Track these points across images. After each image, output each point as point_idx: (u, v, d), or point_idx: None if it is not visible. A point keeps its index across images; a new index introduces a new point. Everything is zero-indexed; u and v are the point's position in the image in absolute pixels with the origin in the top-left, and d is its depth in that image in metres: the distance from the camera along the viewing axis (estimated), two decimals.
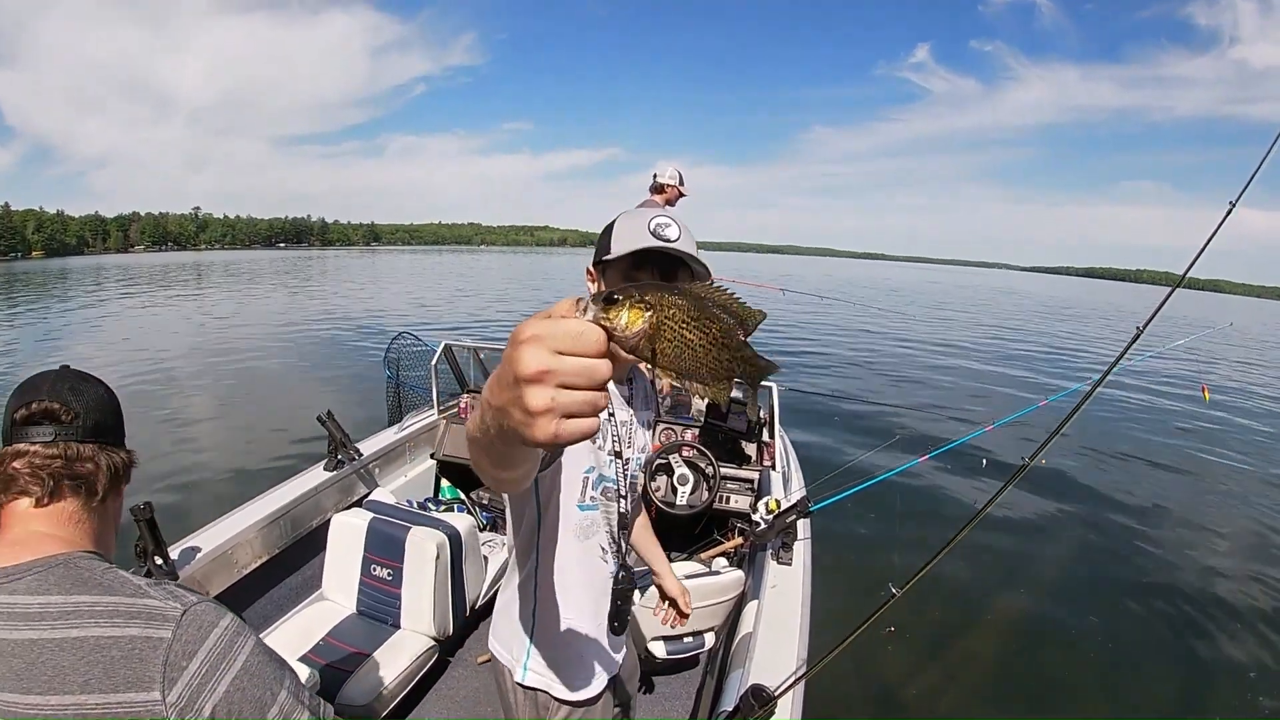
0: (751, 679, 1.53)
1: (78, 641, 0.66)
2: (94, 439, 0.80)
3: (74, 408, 0.79)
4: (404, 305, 18.98)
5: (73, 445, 0.78)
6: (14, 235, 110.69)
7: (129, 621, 0.68)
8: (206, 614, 0.72)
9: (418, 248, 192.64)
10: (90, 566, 0.74)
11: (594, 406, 0.43)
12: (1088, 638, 3.57)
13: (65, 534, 0.77)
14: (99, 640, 0.67)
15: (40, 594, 0.69)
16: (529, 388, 0.42)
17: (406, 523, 2.26)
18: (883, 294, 34.51)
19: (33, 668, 0.65)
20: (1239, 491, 6.39)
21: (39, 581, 0.70)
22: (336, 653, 2.06)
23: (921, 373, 11.55)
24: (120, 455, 0.83)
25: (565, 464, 1.03)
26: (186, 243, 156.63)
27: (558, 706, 1.14)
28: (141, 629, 0.68)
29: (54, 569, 0.72)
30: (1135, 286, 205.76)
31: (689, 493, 2.87)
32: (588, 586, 1.13)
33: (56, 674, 0.65)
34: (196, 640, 0.69)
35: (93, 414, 0.80)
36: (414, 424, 3.32)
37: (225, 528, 2.21)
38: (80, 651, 0.66)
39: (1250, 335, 25.77)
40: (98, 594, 0.70)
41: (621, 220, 1.02)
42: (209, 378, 8.70)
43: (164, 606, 0.71)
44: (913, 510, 5.00)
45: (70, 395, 0.80)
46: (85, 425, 0.80)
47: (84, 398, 0.81)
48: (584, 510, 1.08)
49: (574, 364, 0.43)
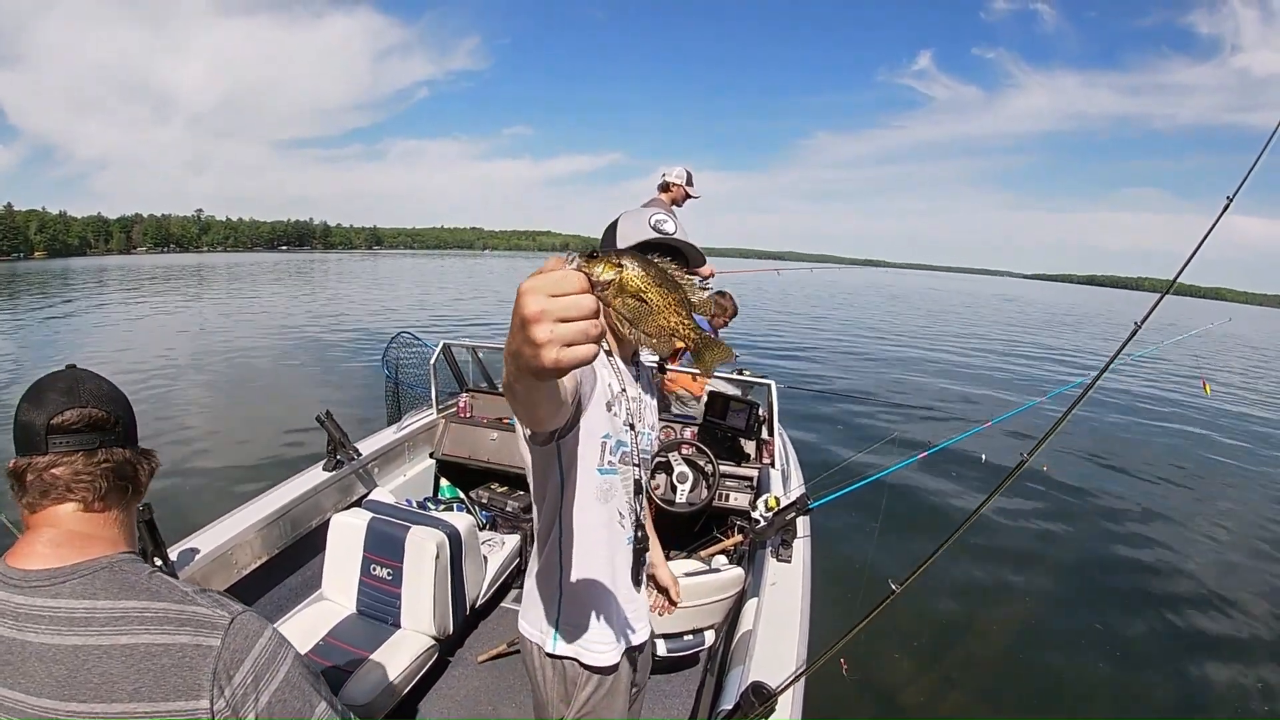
0: (751, 676, 1.53)
1: (127, 649, 0.66)
2: (131, 443, 0.81)
3: (113, 414, 0.79)
4: (405, 307, 18.97)
5: (116, 450, 0.78)
6: (17, 235, 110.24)
7: (179, 629, 0.68)
8: (251, 623, 0.73)
9: (419, 252, 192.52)
10: (135, 570, 0.74)
11: (586, 334, 0.54)
12: (1087, 636, 3.57)
13: (108, 535, 0.76)
14: (150, 648, 0.66)
15: (86, 598, 0.68)
16: (532, 326, 0.53)
17: (406, 522, 2.25)
18: (884, 299, 34.52)
19: (76, 674, 0.65)
20: (1242, 490, 6.41)
21: (85, 585, 0.69)
22: (337, 653, 2.06)
23: (921, 372, 11.56)
24: (153, 458, 0.84)
25: (584, 431, 1.10)
26: (189, 245, 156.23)
27: (587, 678, 1.19)
28: (191, 636, 0.68)
29: (99, 572, 0.71)
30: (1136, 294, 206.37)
31: (688, 490, 2.87)
32: (608, 550, 1.19)
33: (104, 681, 0.64)
34: (244, 649, 0.70)
35: (126, 418, 0.81)
36: (413, 423, 3.32)
37: (224, 528, 2.21)
38: (130, 659, 0.65)
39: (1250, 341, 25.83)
40: (146, 599, 0.70)
41: (624, 219, 1.17)
42: (208, 378, 8.69)
43: (212, 615, 0.71)
44: (912, 507, 5.00)
45: (107, 402, 0.79)
46: (124, 431, 0.80)
47: (116, 403, 0.80)
48: (604, 474, 1.15)
49: (564, 301, 0.53)
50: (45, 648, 0.65)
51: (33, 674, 0.65)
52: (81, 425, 0.75)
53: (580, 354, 0.54)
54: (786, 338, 15.23)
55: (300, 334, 12.68)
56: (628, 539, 1.21)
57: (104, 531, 0.75)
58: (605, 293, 0.63)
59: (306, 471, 2.71)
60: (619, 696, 1.24)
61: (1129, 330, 1.53)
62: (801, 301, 23.53)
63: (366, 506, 2.42)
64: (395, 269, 50.69)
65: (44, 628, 0.66)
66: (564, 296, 0.53)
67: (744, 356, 6.28)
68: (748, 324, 17.11)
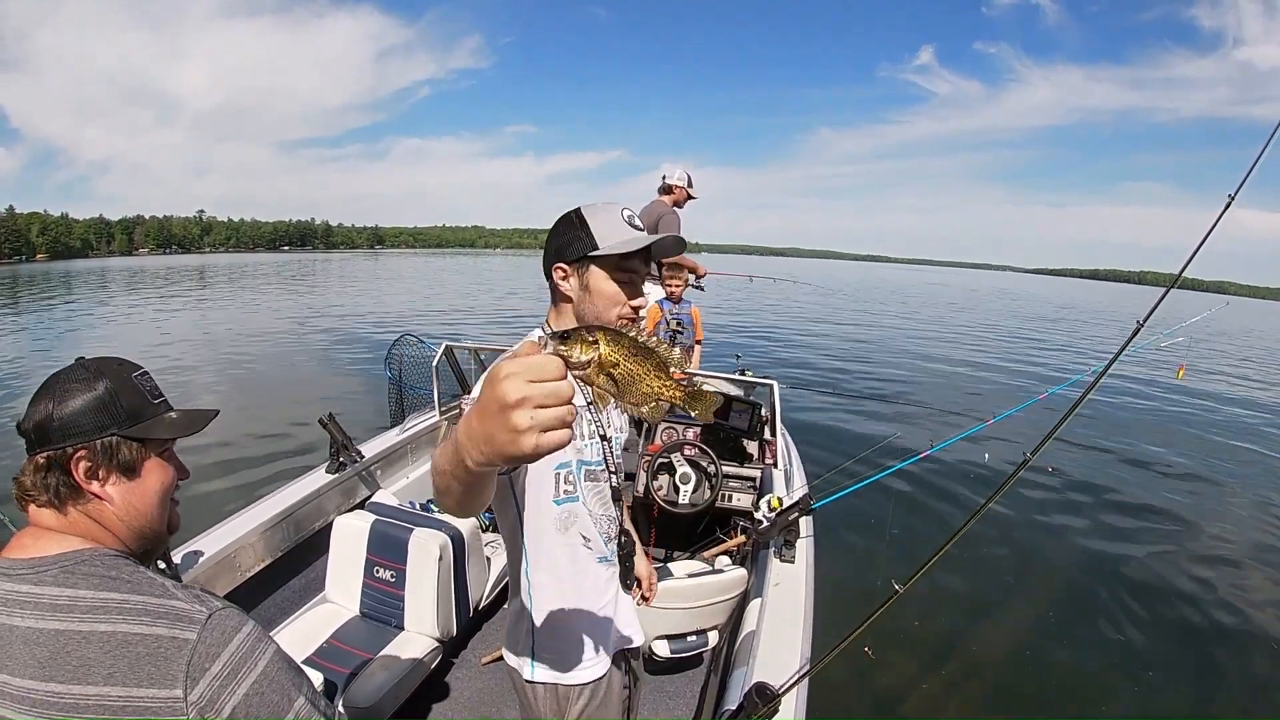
0: (755, 677, 1.53)
1: (105, 635, 0.68)
2: (52, 442, 0.77)
3: (34, 417, 0.78)
4: (406, 307, 18.97)
5: (38, 454, 0.78)
6: (19, 238, 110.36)
7: (155, 621, 0.70)
8: (230, 619, 0.74)
9: (421, 251, 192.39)
10: (117, 565, 0.76)
11: (563, 420, 0.55)
12: (1094, 634, 3.56)
13: (84, 530, 0.78)
14: (126, 635, 0.69)
15: (69, 587, 0.71)
16: (513, 412, 0.54)
17: (409, 524, 2.26)
18: (885, 294, 34.46)
19: (57, 657, 0.67)
20: (1249, 482, 6.39)
21: (67, 575, 0.72)
22: (341, 655, 2.06)
23: (922, 370, 11.55)
24: (89, 451, 0.79)
25: (532, 469, 1.10)
26: (191, 246, 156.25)
27: (578, 692, 1.19)
28: (168, 629, 0.70)
29: (81, 564, 0.74)
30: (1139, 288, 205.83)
31: (691, 491, 2.87)
32: (576, 574, 1.19)
33: (81, 665, 0.67)
34: (220, 644, 0.71)
35: (57, 416, 0.78)
36: (416, 425, 3.32)
37: (228, 531, 2.21)
38: (107, 645, 0.68)
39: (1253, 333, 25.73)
40: (126, 592, 0.72)
41: (593, 218, 1.09)
42: (210, 380, 8.71)
43: (190, 609, 0.73)
44: (915, 506, 5.00)
45: (40, 399, 0.79)
46: (44, 432, 0.78)
47: (51, 401, 0.78)
48: (560, 504, 1.14)
49: (543, 389, 0.54)
50: (30, 631, 0.68)
51: (17, 656, 0.67)
52: (28, 428, 0.79)
53: (558, 439, 0.55)
54: (787, 337, 15.22)
55: (302, 336, 12.70)
56: (599, 558, 1.21)
57: (77, 529, 0.78)
58: (585, 372, 0.64)
59: (309, 474, 2.72)
60: (613, 699, 1.25)
61: (1132, 327, 1.53)
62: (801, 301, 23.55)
63: (370, 509, 2.43)
64: (397, 268, 50.69)
65: (29, 612, 0.69)
66: (543, 383, 0.54)
67: (746, 356, 6.28)
68: (748, 324, 17.11)
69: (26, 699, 0.67)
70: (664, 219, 4.08)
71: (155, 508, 0.84)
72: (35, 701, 0.67)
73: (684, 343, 4.09)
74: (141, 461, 0.82)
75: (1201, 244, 1.52)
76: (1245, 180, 1.47)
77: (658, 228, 4.06)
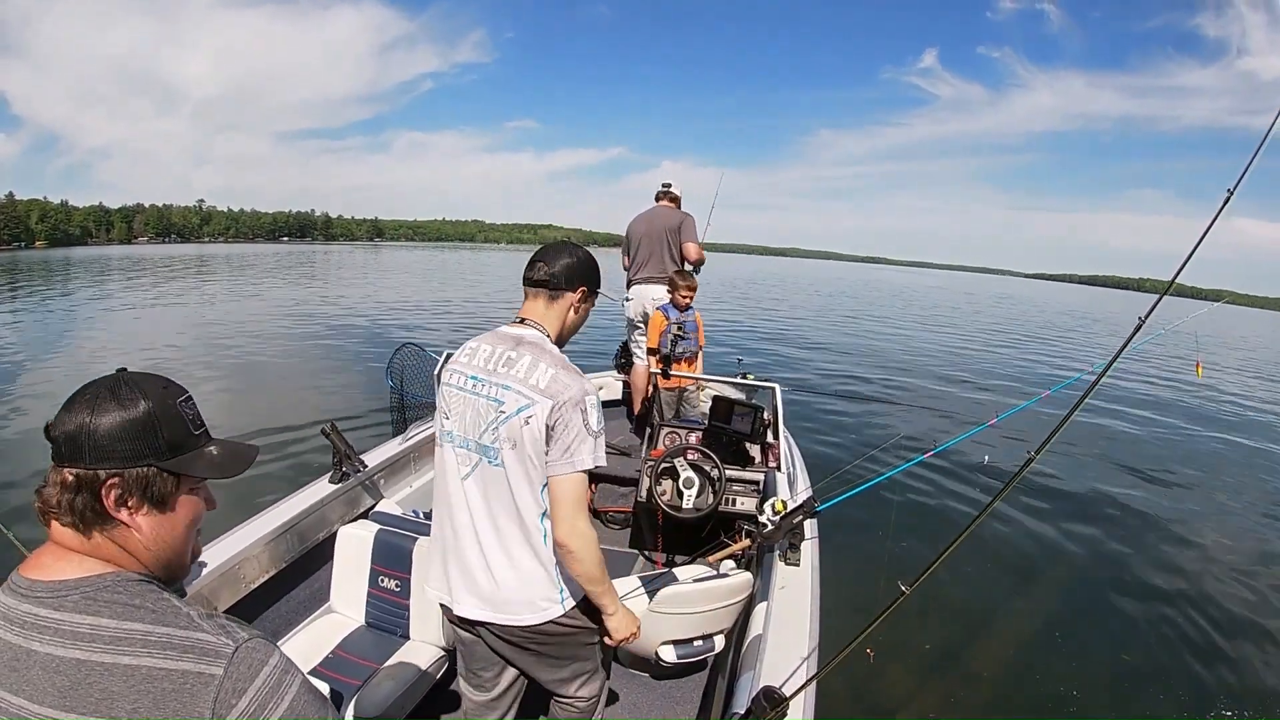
0: (762, 681, 1.52)
1: (129, 669, 0.67)
2: (89, 461, 0.74)
3: (64, 429, 0.74)
4: (407, 307, 18.93)
5: (65, 470, 0.74)
6: (18, 225, 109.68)
7: (182, 655, 0.69)
8: (257, 651, 0.73)
9: (421, 244, 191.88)
10: (141, 592, 0.73)
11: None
12: (1099, 634, 3.55)
13: (108, 554, 0.75)
14: (151, 671, 0.67)
15: (90, 614, 0.69)
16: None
17: (413, 533, 2.26)
18: (885, 296, 34.46)
19: (78, 687, 0.66)
20: (1248, 481, 6.37)
21: (89, 602, 0.70)
22: (347, 665, 2.06)
23: (925, 371, 11.54)
24: (122, 478, 0.75)
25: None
26: (190, 235, 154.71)
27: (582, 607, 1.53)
28: (194, 664, 0.69)
29: (103, 591, 0.72)
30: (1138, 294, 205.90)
31: (695, 496, 2.86)
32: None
33: (104, 698, 0.66)
34: (247, 679, 0.70)
35: (89, 430, 0.74)
36: (418, 434, 3.32)
37: (232, 542, 2.21)
38: (132, 680, 0.67)
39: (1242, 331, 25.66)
40: (150, 623, 0.70)
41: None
42: (212, 389, 8.69)
43: (216, 643, 0.71)
44: (920, 507, 4.99)
45: (73, 411, 0.75)
46: (74, 448, 0.74)
47: (85, 412, 0.75)
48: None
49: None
50: (49, 658, 0.67)
51: (36, 682, 0.66)
52: (58, 437, 0.74)
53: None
54: (789, 339, 15.22)
55: (303, 337, 12.61)
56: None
57: (101, 552, 0.75)
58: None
59: (313, 484, 2.72)
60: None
61: (1133, 326, 1.53)
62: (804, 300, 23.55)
63: (373, 518, 2.43)
64: (396, 262, 50.44)
65: (48, 638, 0.68)
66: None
67: (747, 359, 6.28)
68: (749, 323, 17.11)
69: None
70: (684, 223, 4.15)
71: (182, 541, 0.82)
72: None
73: (689, 349, 4.11)
74: (175, 495, 0.79)
75: (1203, 237, 1.53)
76: (1244, 174, 1.48)
77: (680, 229, 4.13)
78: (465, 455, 1.49)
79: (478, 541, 1.47)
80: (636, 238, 4.22)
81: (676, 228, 4.12)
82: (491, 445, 1.44)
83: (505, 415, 1.40)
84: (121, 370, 0.80)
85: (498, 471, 1.44)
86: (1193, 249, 1.54)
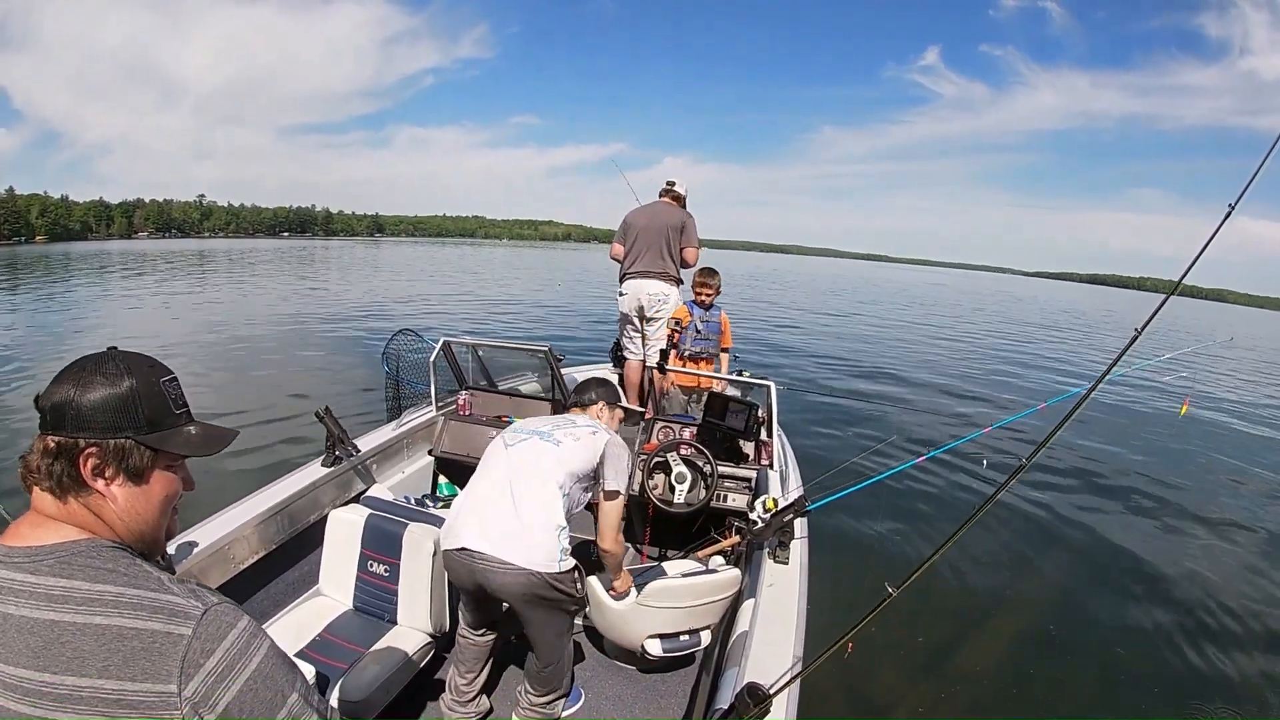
0: (747, 677, 1.53)
1: (100, 628, 0.69)
2: (71, 429, 0.76)
3: (51, 399, 0.77)
4: (406, 300, 18.91)
5: (49, 438, 0.77)
6: (18, 220, 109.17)
7: (151, 615, 0.71)
8: (225, 615, 0.75)
9: (421, 240, 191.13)
10: (114, 557, 0.75)
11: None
12: (1088, 639, 3.57)
13: (83, 520, 0.78)
14: (121, 629, 0.69)
15: (64, 578, 0.71)
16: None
17: (404, 519, 2.25)
18: (886, 295, 34.44)
19: (50, 647, 0.68)
20: (1243, 497, 6.41)
21: (63, 565, 0.72)
22: (333, 648, 2.06)
23: (921, 374, 11.56)
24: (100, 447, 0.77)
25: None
26: (190, 230, 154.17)
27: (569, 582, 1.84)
28: (163, 624, 0.71)
29: (77, 555, 0.73)
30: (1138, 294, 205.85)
31: (686, 491, 2.87)
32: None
33: (76, 656, 0.67)
34: (215, 639, 0.72)
35: (74, 401, 0.76)
36: (412, 421, 3.32)
37: (222, 523, 2.21)
38: (102, 639, 0.68)
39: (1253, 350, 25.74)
40: (122, 585, 0.72)
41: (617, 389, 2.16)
42: (205, 370, 8.67)
43: (185, 604, 0.73)
44: (910, 510, 5.00)
45: (60, 384, 0.77)
46: (58, 416, 0.76)
47: (72, 385, 0.77)
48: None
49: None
50: (24, 620, 0.68)
51: (11, 644, 0.68)
52: (45, 406, 0.77)
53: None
54: (786, 336, 15.23)
55: (300, 327, 12.61)
56: None
57: (76, 518, 0.77)
58: None
59: (305, 467, 2.72)
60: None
61: (1130, 335, 1.53)
62: (803, 298, 23.58)
63: (365, 503, 2.42)
64: (396, 257, 50.33)
65: (24, 601, 0.69)
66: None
67: (743, 356, 6.28)
68: (746, 319, 17.11)
69: (20, 687, 0.67)
70: (687, 225, 4.06)
71: (156, 515, 0.83)
72: (28, 690, 0.67)
73: (708, 349, 4.10)
74: (150, 469, 0.81)
75: (1200, 254, 1.53)
76: (1246, 190, 1.48)
77: (682, 231, 4.04)
78: (517, 436, 1.98)
79: (510, 493, 1.84)
80: (634, 230, 4.06)
81: (679, 227, 4.00)
82: (551, 433, 1.95)
83: (577, 425, 2.02)
84: (112, 348, 0.83)
85: (548, 447, 1.91)
86: (1191, 263, 1.54)
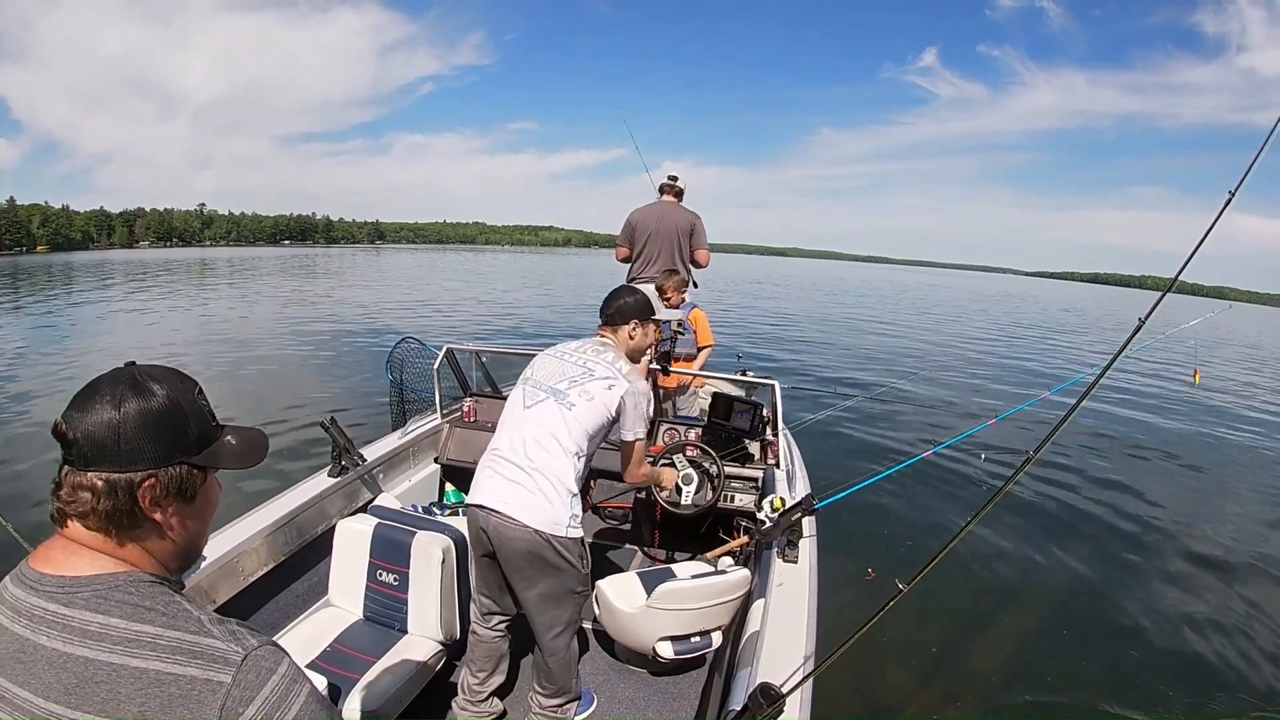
0: (759, 677, 1.52)
1: (137, 672, 0.67)
2: (114, 465, 0.72)
3: (77, 430, 0.71)
4: (408, 306, 18.94)
5: (88, 475, 0.72)
6: (19, 230, 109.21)
7: (190, 661, 0.69)
8: (265, 659, 0.72)
9: (422, 246, 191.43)
10: (153, 594, 0.73)
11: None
12: (1098, 633, 3.55)
13: (122, 554, 0.74)
14: (159, 675, 0.67)
15: (100, 613, 0.69)
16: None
17: (412, 527, 2.26)
18: (886, 295, 34.40)
19: (85, 685, 0.66)
20: (1251, 481, 6.37)
21: (100, 600, 0.69)
22: (344, 659, 2.06)
23: (924, 369, 11.54)
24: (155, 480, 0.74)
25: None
26: (191, 239, 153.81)
27: (577, 549, 1.87)
28: (202, 670, 0.68)
29: (115, 590, 0.71)
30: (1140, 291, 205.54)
31: (693, 492, 2.86)
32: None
33: (111, 698, 0.66)
34: (254, 687, 0.70)
35: (99, 436, 0.71)
36: (417, 428, 3.32)
37: (230, 535, 2.21)
38: (139, 683, 0.66)
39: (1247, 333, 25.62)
40: (161, 626, 0.70)
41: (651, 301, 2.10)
42: (205, 381, 8.66)
43: (225, 650, 0.71)
44: (918, 505, 4.99)
45: (79, 407, 0.72)
46: (90, 451, 0.71)
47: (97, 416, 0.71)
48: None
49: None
50: (56, 653, 0.66)
51: (42, 676, 0.66)
52: (77, 439, 0.70)
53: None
54: (789, 336, 15.21)
55: (302, 336, 12.64)
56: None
57: (119, 552, 0.74)
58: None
59: (312, 478, 2.72)
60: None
61: (1133, 326, 1.52)
62: (805, 299, 23.57)
63: (372, 512, 2.42)
64: (397, 264, 50.38)
65: (56, 633, 0.67)
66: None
67: (747, 356, 6.28)
68: (749, 322, 17.10)
69: None
70: (696, 226, 4.04)
71: (205, 530, 0.83)
72: None
73: (685, 347, 4.07)
74: (200, 487, 0.79)
75: (1202, 240, 1.52)
76: (1245, 176, 1.47)
77: (692, 233, 4.03)
78: (535, 394, 1.94)
79: (526, 453, 1.85)
80: (644, 232, 4.01)
81: (689, 230, 3.98)
82: (566, 392, 1.90)
83: (593, 377, 1.92)
84: (131, 364, 0.77)
85: (563, 409, 1.88)
86: (1193, 250, 1.53)
